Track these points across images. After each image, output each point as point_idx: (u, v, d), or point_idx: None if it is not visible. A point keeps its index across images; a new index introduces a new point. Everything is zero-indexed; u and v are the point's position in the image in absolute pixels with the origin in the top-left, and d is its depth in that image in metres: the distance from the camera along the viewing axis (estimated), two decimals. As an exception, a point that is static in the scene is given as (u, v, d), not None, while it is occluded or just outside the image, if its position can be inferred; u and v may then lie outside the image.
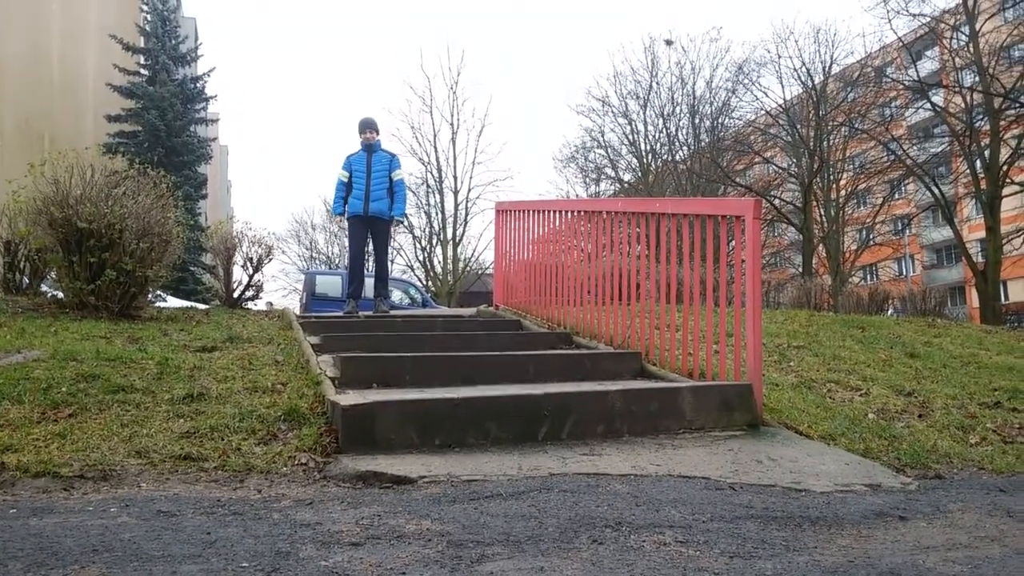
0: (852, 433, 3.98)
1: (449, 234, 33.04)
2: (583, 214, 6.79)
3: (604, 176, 32.93)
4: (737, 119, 29.47)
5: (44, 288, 7.25)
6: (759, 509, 2.69)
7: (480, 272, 32.94)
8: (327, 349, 5.13)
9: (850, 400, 4.76)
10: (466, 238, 34.00)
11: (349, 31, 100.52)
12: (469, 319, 7.77)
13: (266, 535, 2.24)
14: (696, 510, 2.63)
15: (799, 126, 27.32)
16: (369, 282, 8.68)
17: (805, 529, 2.49)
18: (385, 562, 2.02)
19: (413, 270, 33.67)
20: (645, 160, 30.88)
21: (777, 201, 27.74)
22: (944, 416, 4.48)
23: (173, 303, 9.90)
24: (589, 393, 3.97)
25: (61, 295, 6.59)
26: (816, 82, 26.38)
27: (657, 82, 30.14)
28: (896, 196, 28.46)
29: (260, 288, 8.66)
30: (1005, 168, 20.00)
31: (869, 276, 34.70)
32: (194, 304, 10.36)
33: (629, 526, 2.41)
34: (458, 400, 3.59)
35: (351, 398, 3.59)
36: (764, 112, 28.12)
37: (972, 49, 20.68)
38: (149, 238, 6.29)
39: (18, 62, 23.39)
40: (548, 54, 78.55)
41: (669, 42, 29.90)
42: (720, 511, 2.63)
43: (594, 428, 3.73)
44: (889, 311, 13.58)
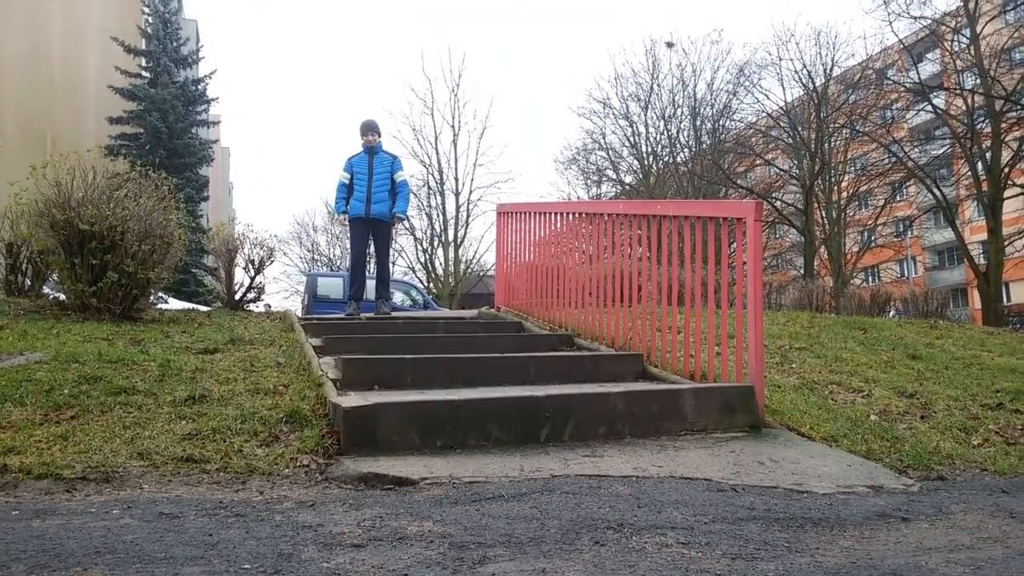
0: (854, 435, 3.98)
1: (451, 236, 33.02)
2: (584, 216, 6.79)
3: (605, 178, 32.98)
4: (738, 121, 29.49)
5: (46, 290, 7.25)
6: (761, 510, 2.69)
7: (482, 274, 32.92)
8: (329, 351, 5.13)
9: (852, 402, 4.75)
10: (468, 240, 33.88)
11: (349, 32, 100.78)
12: (471, 321, 7.78)
13: (268, 537, 2.24)
14: (698, 511, 2.63)
15: (800, 128, 27.33)
16: (371, 284, 8.68)
17: (807, 530, 2.49)
18: (387, 564, 2.03)
19: (415, 272, 33.67)
20: (646, 162, 30.90)
21: (778, 203, 27.72)
22: (946, 417, 4.47)
23: (175, 305, 9.89)
24: (591, 395, 3.98)
25: (63, 297, 6.59)
26: (817, 84, 26.38)
27: (658, 84, 30.18)
28: (897, 198, 28.40)
29: (262, 290, 8.66)
30: (1006, 170, 20.00)
31: (871, 278, 34.71)
32: (196, 306, 10.37)
33: (631, 527, 2.41)
34: (459, 402, 3.60)
35: (353, 400, 3.59)
36: (765, 114, 28.12)
37: (973, 51, 20.69)
38: (151, 240, 6.30)
39: (19, 63, 23.43)
40: (547, 55, 78.77)
41: (670, 44, 29.92)
42: (722, 512, 2.63)
43: (596, 430, 3.73)
44: (891, 313, 13.55)
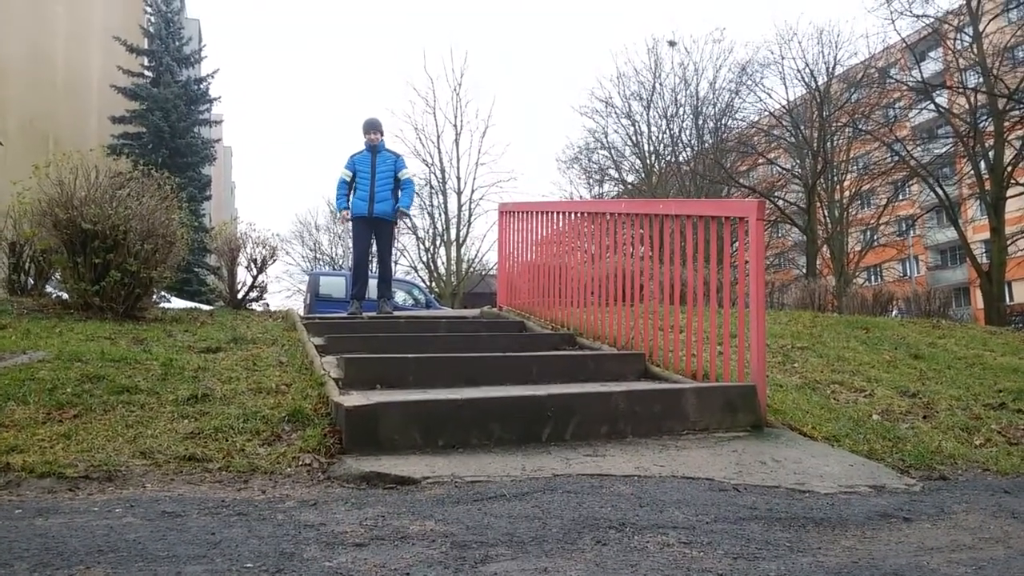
0: (856, 434, 3.97)
1: (453, 235, 33.04)
2: (587, 215, 6.79)
3: (608, 177, 32.99)
4: (740, 120, 29.48)
5: (49, 289, 7.27)
6: (763, 510, 2.69)
7: (484, 273, 32.92)
8: (331, 350, 5.14)
9: (854, 401, 4.75)
10: (470, 239, 33.89)
11: (351, 31, 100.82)
12: (473, 320, 7.78)
13: (270, 536, 2.25)
14: (700, 511, 2.63)
15: (803, 127, 27.30)
16: (372, 283, 8.68)
17: (809, 530, 2.48)
18: (389, 563, 2.03)
19: (417, 271, 33.68)
20: (648, 161, 30.89)
21: (781, 202, 27.69)
22: (948, 417, 4.47)
23: (177, 304, 9.90)
24: (593, 394, 3.98)
25: (66, 296, 6.61)
26: (820, 83, 26.35)
27: (660, 83, 30.18)
28: (900, 197, 28.36)
29: (264, 289, 8.69)
30: (1009, 169, 19.96)
31: (873, 277, 34.67)
32: (198, 305, 10.38)
33: (633, 527, 2.41)
34: (461, 401, 3.60)
35: (355, 399, 3.59)
36: (767, 113, 28.10)
37: (976, 50, 20.65)
38: (153, 239, 6.31)
39: (22, 63, 23.44)
40: (548, 54, 78.75)
41: (672, 43, 29.92)
42: (724, 512, 2.63)
43: (598, 429, 3.73)
44: (893, 312, 13.54)
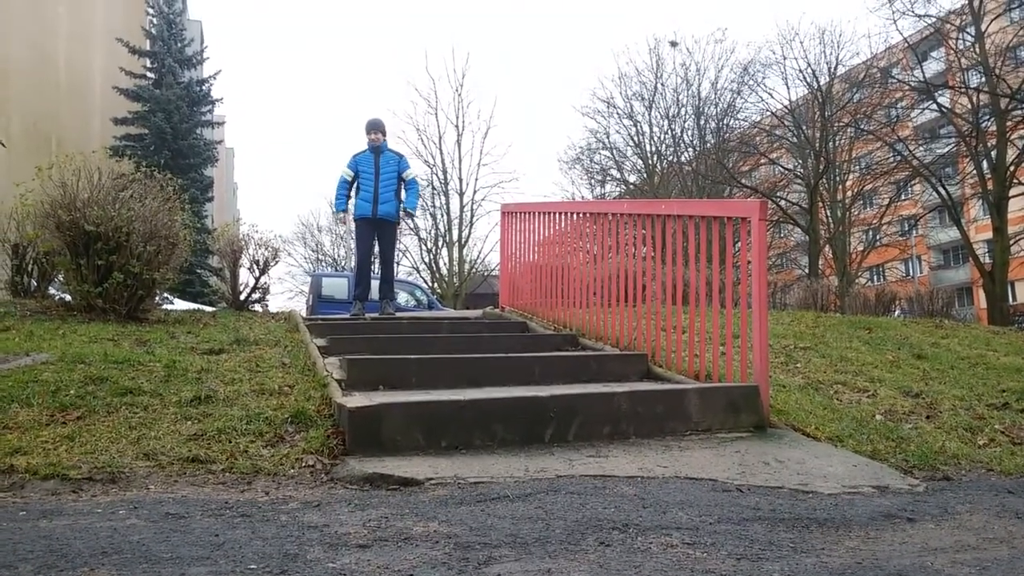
0: (859, 435, 3.97)
1: (455, 236, 33.09)
2: (589, 216, 6.79)
3: (610, 178, 33.01)
4: (742, 120, 29.51)
5: (52, 291, 7.27)
6: (766, 511, 2.68)
7: (486, 274, 32.93)
8: (334, 351, 5.14)
9: (857, 401, 4.74)
10: (472, 240, 34.02)
11: (352, 31, 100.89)
12: (475, 321, 7.78)
13: (274, 537, 2.25)
14: (703, 512, 2.62)
15: (805, 127, 27.29)
16: (375, 284, 8.68)
17: (812, 531, 2.48)
18: (392, 564, 2.03)
19: (419, 272, 33.72)
20: (650, 161, 30.90)
21: (783, 202, 27.67)
22: (952, 417, 4.46)
23: (180, 305, 9.92)
24: (595, 395, 3.98)
25: (69, 298, 6.61)
26: (822, 83, 26.35)
27: (662, 83, 30.21)
28: (902, 197, 28.33)
29: (266, 290, 8.69)
30: (1012, 168, 19.93)
31: (876, 277, 34.66)
32: (201, 306, 10.41)
33: (636, 528, 2.41)
34: (464, 402, 3.60)
35: (358, 400, 3.59)
36: (769, 113, 28.11)
37: (978, 50, 20.64)
38: (156, 241, 6.32)
39: (25, 65, 23.49)
40: (549, 54, 78.76)
41: (674, 43, 29.97)
42: (727, 513, 2.63)
43: (600, 430, 3.73)
44: (896, 312, 13.52)
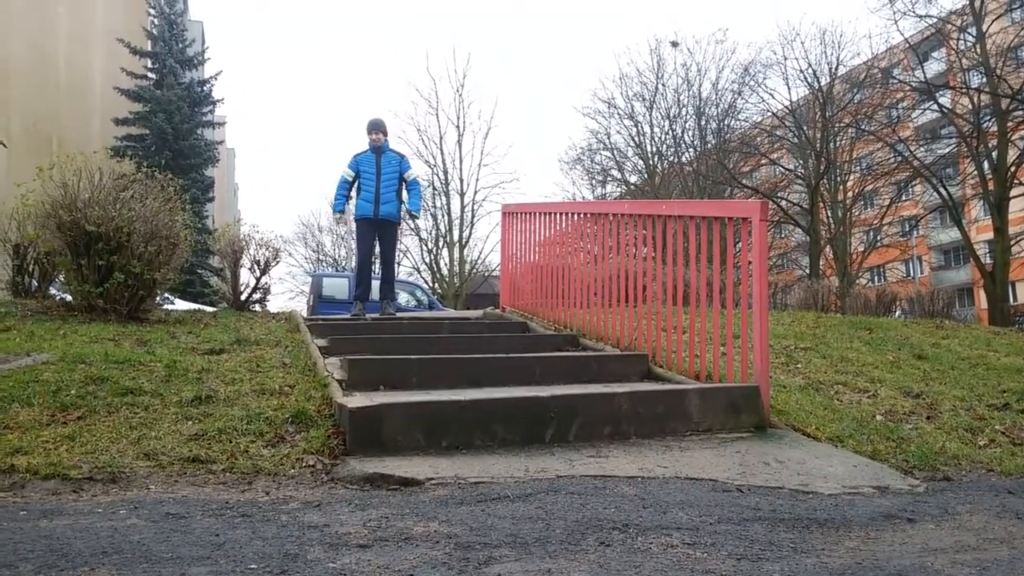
0: (860, 435, 3.97)
1: (456, 236, 33.10)
2: (589, 216, 6.79)
3: (610, 178, 33.02)
4: (743, 121, 29.51)
5: (53, 291, 7.28)
6: (766, 511, 2.68)
7: (487, 274, 32.95)
8: (334, 351, 5.14)
9: (858, 402, 4.74)
10: (472, 240, 34.04)
11: (353, 32, 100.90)
12: (476, 321, 7.78)
13: (274, 537, 2.25)
14: (703, 512, 2.62)
15: (806, 127, 27.28)
16: (375, 284, 8.68)
17: (813, 531, 2.48)
18: (393, 564, 2.03)
19: (420, 272, 33.73)
20: (651, 162, 30.91)
21: (784, 203, 27.67)
22: (952, 418, 4.46)
23: (181, 306, 9.93)
24: (596, 395, 3.98)
25: (70, 298, 6.62)
26: (822, 84, 26.34)
27: (663, 84, 30.22)
28: (903, 197, 28.32)
29: (267, 291, 8.69)
30: (1013, 169, 19.93)
31: (876, 278, 34.66)
32: (202, 307, 10.41)
33: (636, 528, 2.41)
34: (465, 402, 3.60)
35: (358, 400, 3.60)
36: (770, 114, 28.11)
37: (979, 50, 20.64)
38: (157, 241, 6.32)
39: (25, 65, 23.47)
40: (550, 54, 78.80)
41: (675, 44, 30.02)
42: (727, 513, 2.63)
43: (601, 430, 3.73)
44: (897, 313, 13.51)
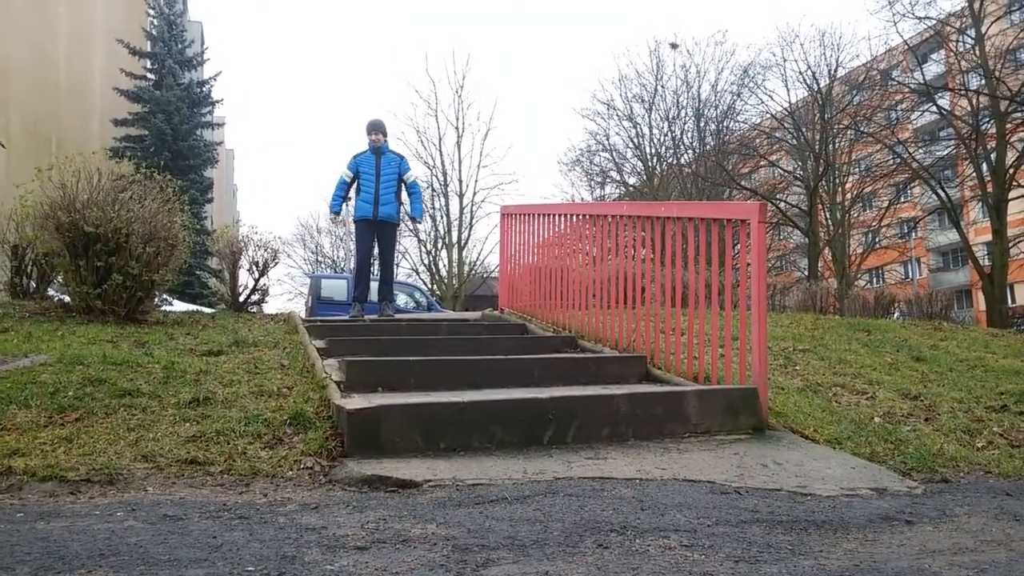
0: (858, 437, 3.97)
1: (454, 238, 33.10)
2: (588, 218, 6.79)
3: (609, 180, 33.02)
4: (742, 122, 29.48)
5: (51, 292, 7.28)
6: (764, 513, 2.68)
7: (485, 276, 32.94)
8: (333, 353, 5.14)
9: (856, 404, 4.74)
10: (471, 241, 33.99)
11: (352, 32, 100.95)
12: (474, 323, 7.78)
13: (272, 539, 2.25)
14: (701, 514, 2.62)
15: (804, 129, 27.29)
16: (374, 286, 8.67)
17: (811, 533, 2.48)
18: (390, 566, 2.03)
19: (418, 274, 33.72)
20: (650, 163, 30.91)
21: (783, 204, 27.67)
22: (950, 420, 4.46)
23: (179, 307, 9.91)
24: (594, 397, 3.98)
25: (68, 299, 6.61)
26: (821, 85, 26.35)
27: (662, 85, 30.21)
28: (902, 199, 28.33)
29: (266, 292, 8.69)
30: (1011, 171, 19.94)
31: (875, 279, 34.65)
32: (200, 308, 10.40)
33: (634, 530, 2.41)
34: (463, 404, 3.60)
35: (356, 402, 3.59)
36: (769, 115, 28.09)
37: (978, 52, 20.65)
38: (155, 242, 6.32)
39: (25, 65, 23.47)
40: (549, 55, 78.89)
41: (674, 45, 29.98)
42: (725, 515, 2.63)
43: (599, 432, 3.73)
44: (895, 314, 13.52)
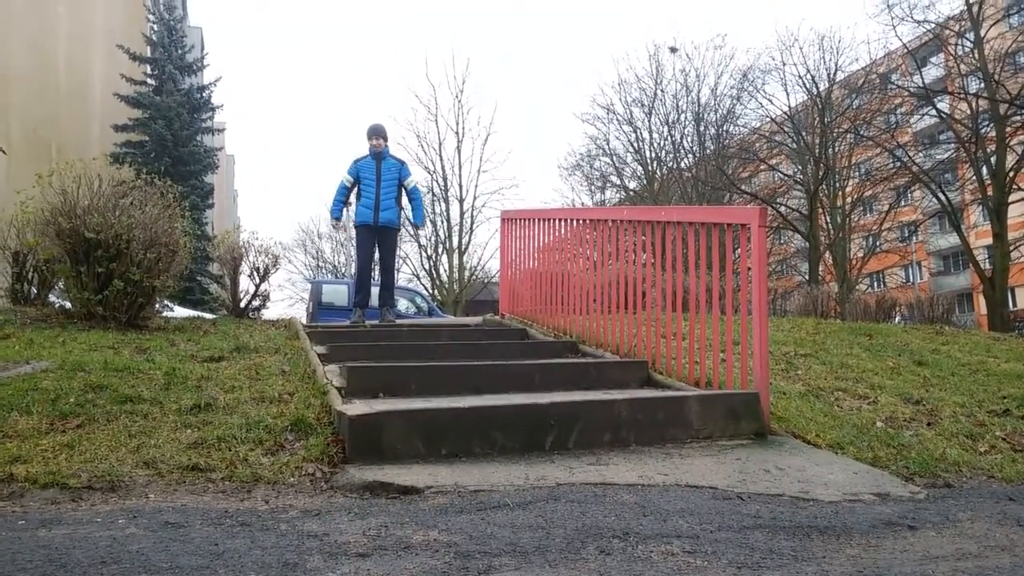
0: (860, 442, 3.96)
1: (455, 243, 33.11)
2: (588, 222, 6.79)
3: (609, 184, 33.10)
4: (742, 126, 29.53)
5: (52, 298, 7.28)
6: (767, 519, 2.68)
7: (486, 281, 32.96)
8: (334, 359, 5.14)
9: (858, 408, 4.74)
10: (472, 246, 34.01)
11: (351, 37, 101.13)
12: (475, 328, 7.77)
13: (273, 546, 2.24)
14: (703, 520, 2.62)
15: (804, 133, 27.31)
16: (375, 291, 8.66)
17: (813, 539, 2.48)
18: (392, 573, 2.02)
19: (419, 279, 33.74)
20: (650, 168, 30.95)
21: (783, 208, 27.69)
22: (953, 424, 4.45)
23: (180, 313, 9.93)
24: (595, 402, 3.97)
25: (69, 305, 6.62)
26: (821, 89, 26.39)
27: (662, 89, 30.30)
28: (902, 203, 28.37)
29: (267, 298, 8.68)
30: (1012, 174, 19.95)
31: (876, 283, 34.60)
32: (201, 314, 10.40)
33: (636, 536, 2.40)
34: (464, 409, 3.59)
35: (358, 408, 3.59)
36: (769, 119, 28.14)
37: (977, 55, 20.68)
38: (156, 248, 6.32)
39: (25, 70, 23.49)
40: (549, 56, 78.97)
41: (674, 49, 30.06)
42: (728, 521, 2.62)
43: (601, 437, 3.72)
44: (896, 318, 13.50)
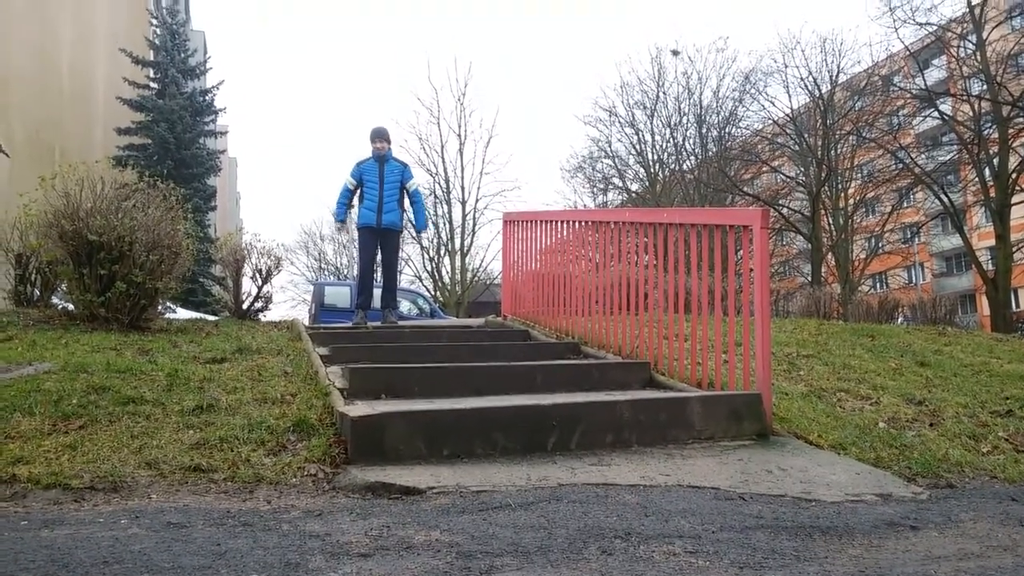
0: (863, 442, 3.96)
1: (457, 244, 33.16)
2: (591, 224, 6.79)
3: (612, 186, 33.09)
4: (744, 128, 29.57)
5: (55, 300, 7.29)
6: (769, 519, 2.68)
7: (488, 282, 32.99)
8: (336, 360, 5.14)
9: (860, 409, 4.73)
10: (474, 248, 34.14)
11: (354, 40, 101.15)
12: (477, 329, 7.78)
13: (275, 546, 2.24)
14: (706, 520, 2.62)
15: (807, 135, 27.33)
16: (377, 293, 8.67)
17: (815, 539, 2.47)
18: (394, 573, 2.03)
19: (421, 281, 33.76)
20: (652, 170, 30.96)
21: (785, 210, 27.69)
22: (955, 425, 4.45)
23: (183, 315, 9.92)
24: (597, 403, 3.97)
25: (72, 307, 6.63)
26: (823, 91, 26.42)
27: (664, 92, 30.32)
28: (905, 204, 28.31)
29: (269, 299, 8.69)
30: (1014, 176, 19.93)
31: (878, 284, 34.56)
32: (204, 315, 10.41)
33: (638, 536, 2.40)
34: (466, 410, 3.60)
35: (360, 409, 3.59)
36: (771, 121, 28.16)
37: (979, 57, 20.68)
38: (159, 250, 6.33)
39: (28, 73, 23.53)
40: (550, 58, 78.98)
41: (676, 52, 30.10)
42: (730, 521, 2.62)
43: (603, 438, 3.72)
44: (899, 319, 13.49)
